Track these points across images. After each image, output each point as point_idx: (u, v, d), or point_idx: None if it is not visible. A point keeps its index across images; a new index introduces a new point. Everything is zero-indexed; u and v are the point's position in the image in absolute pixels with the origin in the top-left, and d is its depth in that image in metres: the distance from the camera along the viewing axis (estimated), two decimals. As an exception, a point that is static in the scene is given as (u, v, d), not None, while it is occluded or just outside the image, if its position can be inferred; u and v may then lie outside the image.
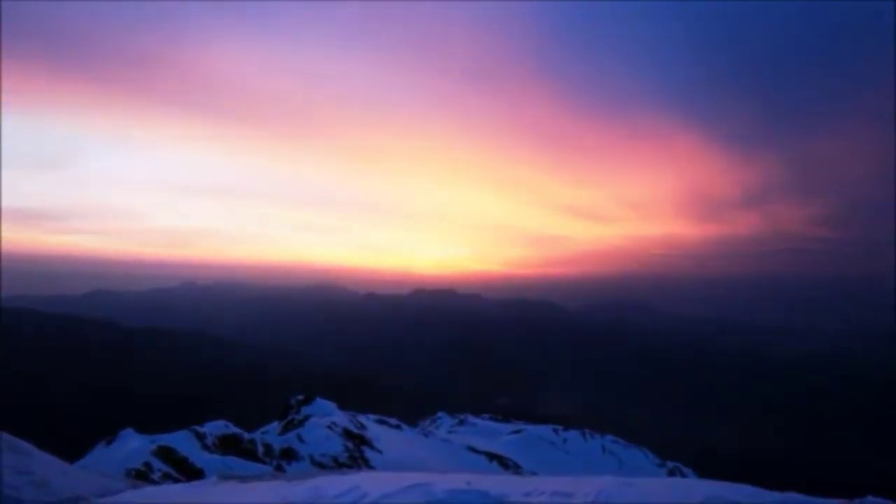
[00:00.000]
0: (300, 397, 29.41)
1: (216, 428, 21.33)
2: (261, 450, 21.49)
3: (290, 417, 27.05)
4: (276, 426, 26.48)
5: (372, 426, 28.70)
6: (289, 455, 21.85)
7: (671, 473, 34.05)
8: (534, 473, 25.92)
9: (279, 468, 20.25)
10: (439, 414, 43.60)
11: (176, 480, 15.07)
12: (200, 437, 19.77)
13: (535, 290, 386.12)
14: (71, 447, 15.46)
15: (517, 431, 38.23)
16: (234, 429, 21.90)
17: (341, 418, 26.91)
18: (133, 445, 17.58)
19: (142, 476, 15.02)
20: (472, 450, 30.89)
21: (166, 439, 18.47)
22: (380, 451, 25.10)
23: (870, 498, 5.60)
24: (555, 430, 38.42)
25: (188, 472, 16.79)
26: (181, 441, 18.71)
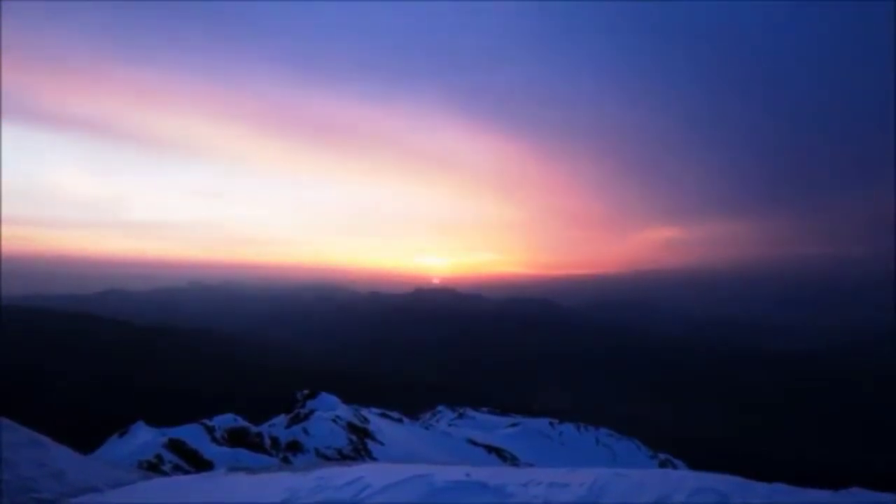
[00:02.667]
0: (305, 392, 29.85)
1: (225, 421, 21.79)
2: (268, 442, 21.92)
3: (295, 411, 27.49)
4: (282, 420, 26.90)
5: (375, 420, 29.09)
6: (295, 448, 22.26)
7: (663, 465, 34.35)
8: (530, 465, 26.25)
9: (286, 460, 20.67)
10: (439, 408, 44.00)
11: (186, 472, 15.45)
12: (210, 431, 20.21)
13: (533, 289, 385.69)
14: (85, 440, 15.84)
15: (515, 424, 38.60)
16: (241, 422, 22.34)
17: (345, 412, 27.31)
18: (145, 438, 18.01)
19: (153, 468, 15.42)
20: (472, 442, 31.30)
21: (177, 432, 18.90)
22: (382, 444, 25.50)
23: (855, 489, 5.73)
24: (551, 424, 38.74)
25: (198, 463, 17.19)
26: (191, 434, 19.14)
